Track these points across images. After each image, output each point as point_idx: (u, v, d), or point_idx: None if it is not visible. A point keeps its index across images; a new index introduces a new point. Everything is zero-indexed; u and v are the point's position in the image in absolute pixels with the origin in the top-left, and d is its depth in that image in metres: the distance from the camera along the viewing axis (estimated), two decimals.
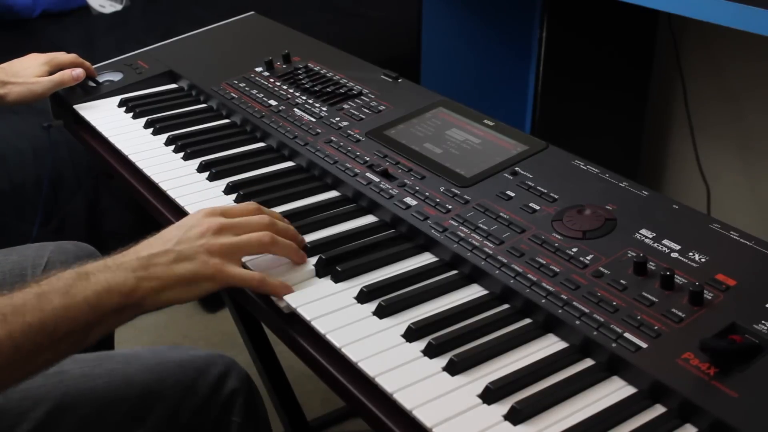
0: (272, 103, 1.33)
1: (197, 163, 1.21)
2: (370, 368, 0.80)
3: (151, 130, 1.33)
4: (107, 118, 1.38)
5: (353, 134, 1.20)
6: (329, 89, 1.34)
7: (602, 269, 0.88)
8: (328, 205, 1.09)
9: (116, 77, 1.50)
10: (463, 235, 0.96)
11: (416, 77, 2.31)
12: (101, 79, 1.49)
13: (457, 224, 0.98)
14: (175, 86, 1.49)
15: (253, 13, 1.75)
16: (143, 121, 1.35)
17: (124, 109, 1.41)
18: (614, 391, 0.77)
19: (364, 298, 0.90)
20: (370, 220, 1.06)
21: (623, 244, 0.91)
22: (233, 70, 1.45)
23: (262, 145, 1.27)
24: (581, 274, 0.88)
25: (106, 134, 1.33)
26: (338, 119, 1.25)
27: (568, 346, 0.83)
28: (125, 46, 1.89)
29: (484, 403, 0.76)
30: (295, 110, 1.29)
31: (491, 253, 0.92)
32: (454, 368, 0.79)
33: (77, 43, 2.51)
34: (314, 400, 1.88)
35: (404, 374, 0.79)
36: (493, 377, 0.78)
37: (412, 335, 0.84)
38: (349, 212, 1.08)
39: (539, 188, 1.02)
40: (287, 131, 1.24)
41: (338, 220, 1.06)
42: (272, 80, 1.40)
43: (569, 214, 0.97)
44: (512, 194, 1.02)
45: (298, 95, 1.34)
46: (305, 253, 0.97)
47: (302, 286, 0.93)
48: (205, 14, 2.50)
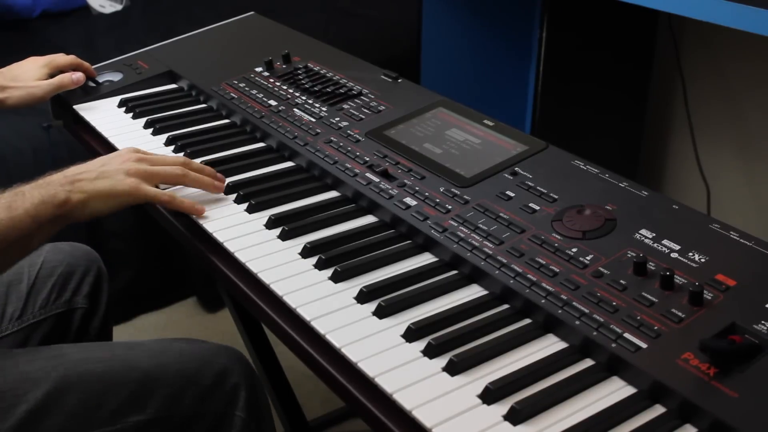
0: (272, 103, 1.33)
1: None
2: (369, 368, 0.80)
3: (151, 130, 1.33)
4: (107, 118, 1.38)
5: (353, 134, 1.20)
6: (329, 89, 1.34)
7: (602, 269, 0.88)
8: (328, 205, 1.10)
9: (116, 77, 1.50)
10: (462, 235, 0.96)
11: (416, 77, 2.30)
12: (101, 79, 1.49)
13: (456, 224, 0.98)
14: (175, 86, 1.49)
15: (253, 13, 1.75)
16: (143, 121, 1.35)
17: (124, 109, 1.41)
18: (614, 391, 0.77)
19: (363, 298, 0.90)
20: (370, 220, 1.06)
21: (623, 244, 0.91)
22: (233, 70, 1.45)
23: (262, 145, 1.27)
24: (581, 274, 0.88)
25: (105, 134, 1.33)
26: (338, 119, 1.25)
27: (567, 346, 0.83)
28: (125, 46, 1.89)
29: (483, 403, 0.76)
30: (294, 110, 1.29)
31: (491, 253, 0.92)
32: (453, 368, 0.79)
33: (77, 43, 2.51)
34: (314, 400, 1.88)
35: (404, 374, 0.79)
36: (492, 377, 0.78)
37: (411, 335, 0.84)
38: (349, 212, 1.08)
39: (539, 188, 1.02)
40: (287, 131, 1.24)
41: (338, 220, 1.06)
42: (272, 80, 1.40)
43: (569, 214, 0.96)
44: (512, 194, 1.02)
45: (297, 95, 1.34)
46: (222, 184, 1.11)
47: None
48: (205, 14, 2.50)
